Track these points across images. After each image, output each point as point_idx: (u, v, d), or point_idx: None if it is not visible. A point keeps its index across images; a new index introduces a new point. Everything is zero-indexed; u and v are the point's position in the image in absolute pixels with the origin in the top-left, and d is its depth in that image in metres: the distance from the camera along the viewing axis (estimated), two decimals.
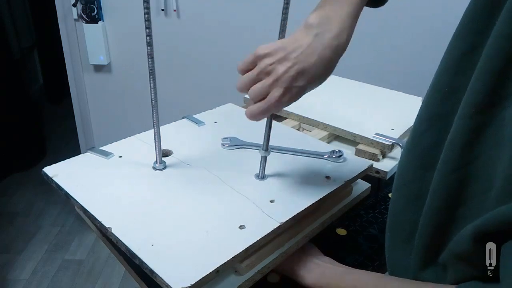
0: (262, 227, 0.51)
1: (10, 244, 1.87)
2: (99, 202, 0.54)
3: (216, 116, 0.81)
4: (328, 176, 0.62)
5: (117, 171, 0.62)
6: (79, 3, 1.52)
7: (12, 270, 1.75)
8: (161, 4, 1.52)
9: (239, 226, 0.51)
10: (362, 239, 0.70)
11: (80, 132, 1.82)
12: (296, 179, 0.61)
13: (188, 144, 0.70)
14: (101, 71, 1.69)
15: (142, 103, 1.69)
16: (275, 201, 0.56)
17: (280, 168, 0.64)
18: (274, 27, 1.65)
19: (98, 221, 0.51)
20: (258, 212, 0.54)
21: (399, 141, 0.72)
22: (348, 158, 0.67)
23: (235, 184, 0.59)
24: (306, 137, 0.75)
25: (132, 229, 0.50)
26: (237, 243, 0.48)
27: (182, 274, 0.43)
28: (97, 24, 1.55)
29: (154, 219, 0.52)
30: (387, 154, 0.73)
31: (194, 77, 1.64)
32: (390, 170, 0.70)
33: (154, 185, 0.59)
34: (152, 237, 0.49)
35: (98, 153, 0.66)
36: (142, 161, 0.64)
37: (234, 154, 0.68)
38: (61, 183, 0.58)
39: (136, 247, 0.47)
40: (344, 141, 0.78)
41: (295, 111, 0.83)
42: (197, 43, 1.59)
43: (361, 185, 0.71)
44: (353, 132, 0.75)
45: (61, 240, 1.94)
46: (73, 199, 0.56)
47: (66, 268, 1.79)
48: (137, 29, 1.58)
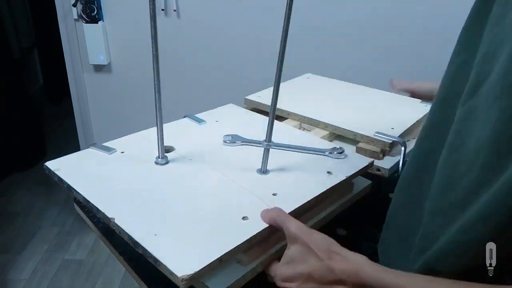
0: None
1: (10, 244, 1.87)
2: (101, 195, 0.55)
3: (217, 116, 0.81)
4: (329, 172, 0.62)
5: (120, 166, 0.62)
6: (79, 3, 1.52)
7: (12, 270, 1.75)
8: (161, 4, 1.52)
9: (242, 217, 0.51)
10: (362, 239, 0.70)
11: (80, 132, 1.82)
12: (298, 174, 0.62)
13: (190, 141, 0.71)
14: (101, 71, 1.69)
15: (142, 103, 1.69)
16: (277, 194, 0.56)
17: (282, 164, 0.64)
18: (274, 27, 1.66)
19: (101, 212, 0.51)
20: (261, 204, 0.54)
21: (400, 139, 0.72)
22: (349, 155, 0.67)
23: (237, 178, 0.60)
24: (308, 136, 0.76)
25: (135, 220, 0.50)
26: (240, 233, 0.48)
27: (185, 262, 0.44)
28: (97, 24, 1.55)
29: (157, 210, 0.52)
30: (387, 152, 0.73)
31: (194, 77, 1.64)
32: (391, 168, 0.70)
33: (156, 178, 0.59)
34: (155, 227, 0.49)
35: (100, 149, 0.66)
36: (144, 157, 0.64)
37: (236, 150, 0.69)
38: (64, 177, 0.58)
39: (139, 236, 0.47)
40: (344, 140, 0.78)
41: (295, 111, 0.83)
42: (197, 43, 1.59)
43: (362, 182, 0.71)
44: (354, 131, 0.75)
45: (61, 240, 1.94)
46: (75, 191, 0.56)
47: (66, 268, 1.79)
48: (137, 29, 1.58)
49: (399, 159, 0.70)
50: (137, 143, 0.69)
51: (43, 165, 0.62)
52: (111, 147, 0.66)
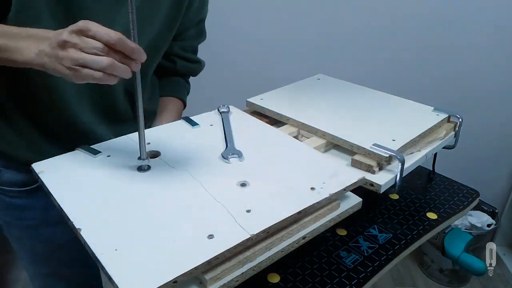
0: (231, 238, 0.48)
1: (10, 244, 1.86)
2: (75, 202, 0.54)
3: (213, 119, 0.79)
4: (313, 188, 0.59)
5: (102, 171, 0.61)
6: None
7: (12, 270, 1.75)
8: None
9: (208, 235, 0.49)
10: (362, 239, 0.70)
11: None
12: (280, 188, 0.58)
13: (178, 146, 0.69)
14: None
15: None
16: (251, 210, 0.53)
17: (266, 175, 0.62)
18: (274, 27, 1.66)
19: (70, 221, 0.51)
20: (231, 221, 0.51)
21: (397, 153, 0.67)
22: (340, 169, 0.64)
23: (215, 190, 0.58)
24: (299, 144, 0.72)
25: (101, 232, 0.49)
26: (201, 253, 0.46)
27: (138, 282, 0.42)
28: None
29: (125, 222, 0.51)
30: (384, 166, 0.69)
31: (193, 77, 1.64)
32: (385, 184, 0.66)
33: (133, 188, 0.58)
34: (117, 242, 0.48)
35: (86, 151, 0.65)
36: (129, 162, 0.63)
37: (221, 160, 0.66)
38: (45, 180, 0.59)
39: (100, 251, 0.46)
40: (342, 150, 0.74)
41: (294, 117, 0.80)
42: None
43: (351, 199, 0.64)
44: (350, 142, 0.71)
45: None
46: (52, 197, 0.56)
47: None
48: None
49: (396, 174, 0.66)
50: (126, 147, 0.68)
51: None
52: (98, 150, 0.66)
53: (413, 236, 0.72)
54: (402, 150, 0.70)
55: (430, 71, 1.59)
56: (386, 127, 0.76)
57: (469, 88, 1.61)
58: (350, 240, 0.69)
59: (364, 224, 0.74)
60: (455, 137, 0.81)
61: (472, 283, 1.74)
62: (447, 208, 0.80)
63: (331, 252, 0.67)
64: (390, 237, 0.71)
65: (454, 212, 0.79)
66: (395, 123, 0.78)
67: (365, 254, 0.67)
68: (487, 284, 1.74)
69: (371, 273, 0.63)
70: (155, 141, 0.67)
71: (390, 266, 0.67)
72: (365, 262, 0.65)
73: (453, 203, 0.81)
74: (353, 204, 0.63)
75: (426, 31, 1.52)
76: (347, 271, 0.64)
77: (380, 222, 0.74)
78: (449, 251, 0.82)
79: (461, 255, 0.81)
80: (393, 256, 0.67)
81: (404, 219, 0.76)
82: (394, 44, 1.55)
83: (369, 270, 0.64)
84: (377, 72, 1.57)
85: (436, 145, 0.76)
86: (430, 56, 1.56)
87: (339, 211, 0.62)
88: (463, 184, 0.87)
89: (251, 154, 0.67)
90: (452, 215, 0.78)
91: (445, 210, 0.79)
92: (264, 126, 0.78)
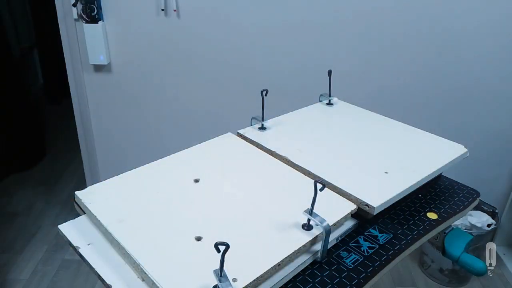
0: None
1: (10, 244, 1.87)
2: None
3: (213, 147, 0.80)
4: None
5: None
6: (79, 3, 1.52)
7: (12, 270, 1.75)
8: (161, 4, 1.52)
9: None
10: (363, 239, 0.70)
11: (80, 132, 1.81)
12: (265, 239, 0.59)
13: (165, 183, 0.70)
14: (101, 71, 1.68)
15: (142, 103, 1.69)
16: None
17: (255, 215, 0.63)
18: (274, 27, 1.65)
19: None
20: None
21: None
22: (331, 198, 0.65)
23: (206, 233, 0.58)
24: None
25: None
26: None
27: None
28: (97, 24, 1.55)
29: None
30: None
31: (193, 77, 1.64)
32: (379, 206, 0.66)
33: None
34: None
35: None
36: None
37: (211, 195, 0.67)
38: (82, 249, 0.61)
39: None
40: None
41: (281, 152, 0.78)
42: (197, 43, 1.59)
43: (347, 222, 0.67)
44: (339, 187, 0.69)
45: (61, 240, 1.94)
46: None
47: (66, 268, 1.79)
48: (137, 29, 1.58)
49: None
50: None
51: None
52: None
53: (414, 236, 0.72)
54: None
55: (430, 71, 1.59)
56: (382, 168, 0.76)
57: (469, 88, 1.61)
58: (350, 240, 0.69)
59: (365, 224, 0.73)
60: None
61: (472, 283, 1.75)
62: (447, 208, 0.80)
63: (331, 252, 0.67)
64: (391, 237, 0.71)
65: (454, 212, 0.79)
66: (395, 165, 0.77)
67: (365, 254, 0.67)
68: (487, 284, 1.75)
69: (371, 273, 0.64)
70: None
71: (391, 266, 0.67)
72: (366, 262, 0.65)
73: (454, 203, 0.81)
74: (348, 227, 0.67)
75: (426, 32, 1.52)
76: (347, 271, 0.64)
77: (380, 222, 0.74)
78: (450, 251, 0.82)
79: (461, 255, 0.81)
80: (394, 256, 0.67)
81: (404, 219, 0.76)
82: (387, 43, 1.55)
83: (369, 270, 0.64)
84: (375, 79, 1.57)
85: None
86: (430, 56, 1.56)
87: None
88: (463, 184, 0.87)
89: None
90: (453, 215, 0.78)
91: (445, 210, 0.79)
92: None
